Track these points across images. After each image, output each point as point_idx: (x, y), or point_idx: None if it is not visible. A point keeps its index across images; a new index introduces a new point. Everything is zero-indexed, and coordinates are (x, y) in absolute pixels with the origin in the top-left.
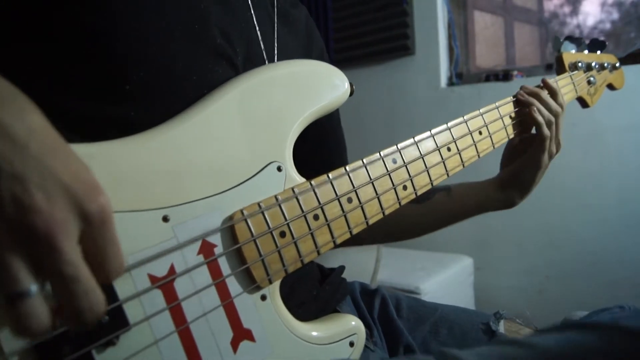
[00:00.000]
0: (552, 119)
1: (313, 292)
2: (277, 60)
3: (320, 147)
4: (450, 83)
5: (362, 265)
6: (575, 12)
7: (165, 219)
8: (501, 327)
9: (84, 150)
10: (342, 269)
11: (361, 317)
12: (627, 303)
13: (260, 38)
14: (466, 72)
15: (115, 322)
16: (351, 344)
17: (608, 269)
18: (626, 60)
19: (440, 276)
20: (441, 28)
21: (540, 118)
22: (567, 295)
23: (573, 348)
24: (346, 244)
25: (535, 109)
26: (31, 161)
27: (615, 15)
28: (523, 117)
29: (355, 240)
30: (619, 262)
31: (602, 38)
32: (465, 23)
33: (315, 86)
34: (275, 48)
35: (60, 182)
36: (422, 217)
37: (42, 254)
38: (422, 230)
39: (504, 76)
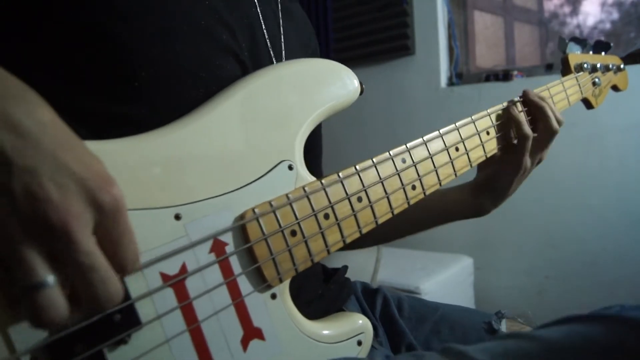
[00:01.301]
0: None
1: (318, 291)
2: (285, 56)
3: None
4: (450, 83)
5: (362, 265)
6: (575, 12)
7: (177, 217)
8: (503, 327)
9: (96, 147)
10: (345, 268)
11: (365, 316)
12: (627, 303)
13: (266, 34)
14: (466, 72)
15: (127, 320)
16: (359, 343)
17: (608, 269)
18: (626, 60)
19: (440, 276)
20: (441, 28)
21: (550, 113)
22: (566, 295)
23: (577, 339)
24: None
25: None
26: (43, 154)
27: (615, 15)
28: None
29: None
30: (619, 262)
31: (605, 39)
32: (465, 23)
33: (325, 85)
34: (283, 44)
35: (73, 174)
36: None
37: (58, 245)
38: (382, 237)
39: (504, 76)
